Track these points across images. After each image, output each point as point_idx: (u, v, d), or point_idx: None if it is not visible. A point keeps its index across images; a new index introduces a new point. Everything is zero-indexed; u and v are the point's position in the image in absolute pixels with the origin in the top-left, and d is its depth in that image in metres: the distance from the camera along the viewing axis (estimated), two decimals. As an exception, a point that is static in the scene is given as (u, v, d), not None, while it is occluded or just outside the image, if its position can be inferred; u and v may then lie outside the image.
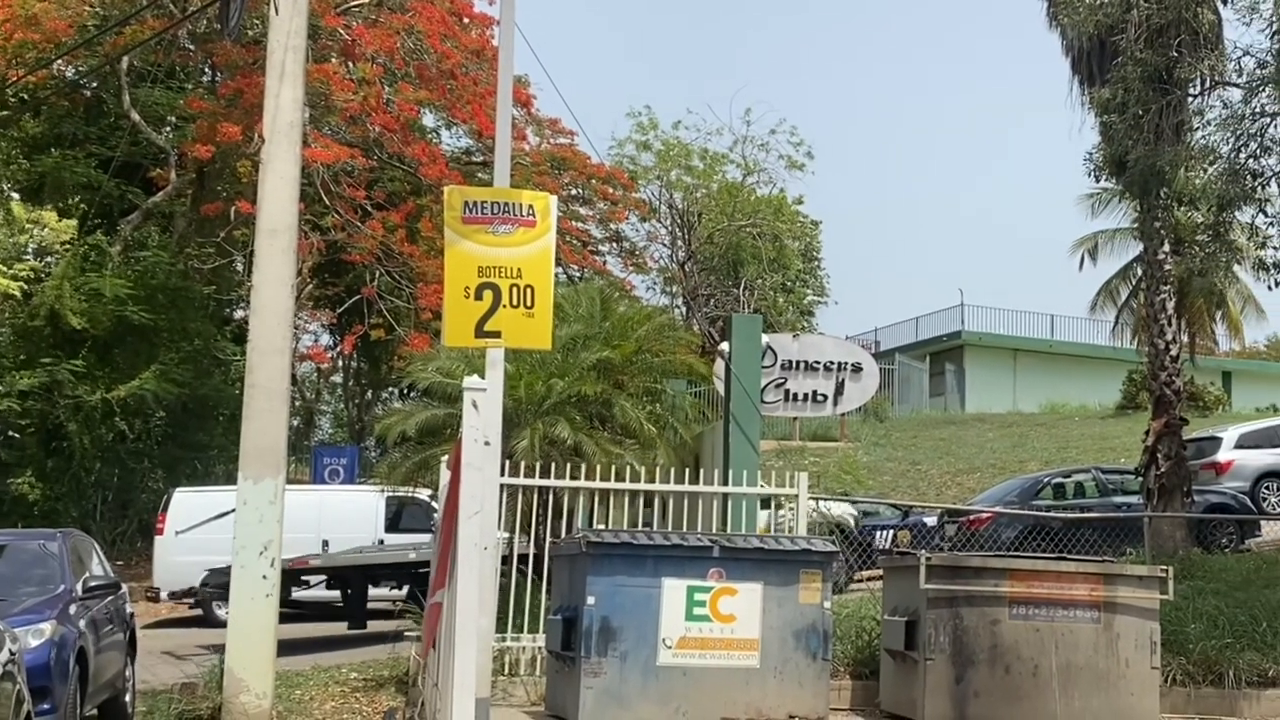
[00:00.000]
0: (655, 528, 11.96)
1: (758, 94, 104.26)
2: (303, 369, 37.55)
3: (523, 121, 28.42)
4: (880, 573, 11.86)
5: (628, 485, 11.57)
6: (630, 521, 11.70)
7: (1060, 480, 20.57)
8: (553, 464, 11.40)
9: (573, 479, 11.23)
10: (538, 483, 11.21)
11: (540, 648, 10.78)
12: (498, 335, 8.09)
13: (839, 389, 25.85)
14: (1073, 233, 52.32)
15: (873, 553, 16.28)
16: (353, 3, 26.32)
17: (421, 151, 26.35)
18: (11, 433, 25.14)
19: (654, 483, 11.74)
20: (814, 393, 25.55)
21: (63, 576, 10.45)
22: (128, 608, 12.33)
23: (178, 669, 14.00)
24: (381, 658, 13.36)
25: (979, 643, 9.80)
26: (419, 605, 11.83)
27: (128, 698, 11.57)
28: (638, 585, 9.46)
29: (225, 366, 29.00)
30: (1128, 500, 18.59)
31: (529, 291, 8.05)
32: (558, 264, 23.13)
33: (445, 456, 10.36)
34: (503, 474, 10.02)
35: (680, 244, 37.24)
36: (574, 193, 31.19)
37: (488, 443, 6.86)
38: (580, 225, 31.68)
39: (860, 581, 15.42)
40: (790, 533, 11.26)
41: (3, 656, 7.20)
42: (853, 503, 19.32)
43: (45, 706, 8.72)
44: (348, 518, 20.56)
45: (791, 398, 25.03)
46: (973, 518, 18.25)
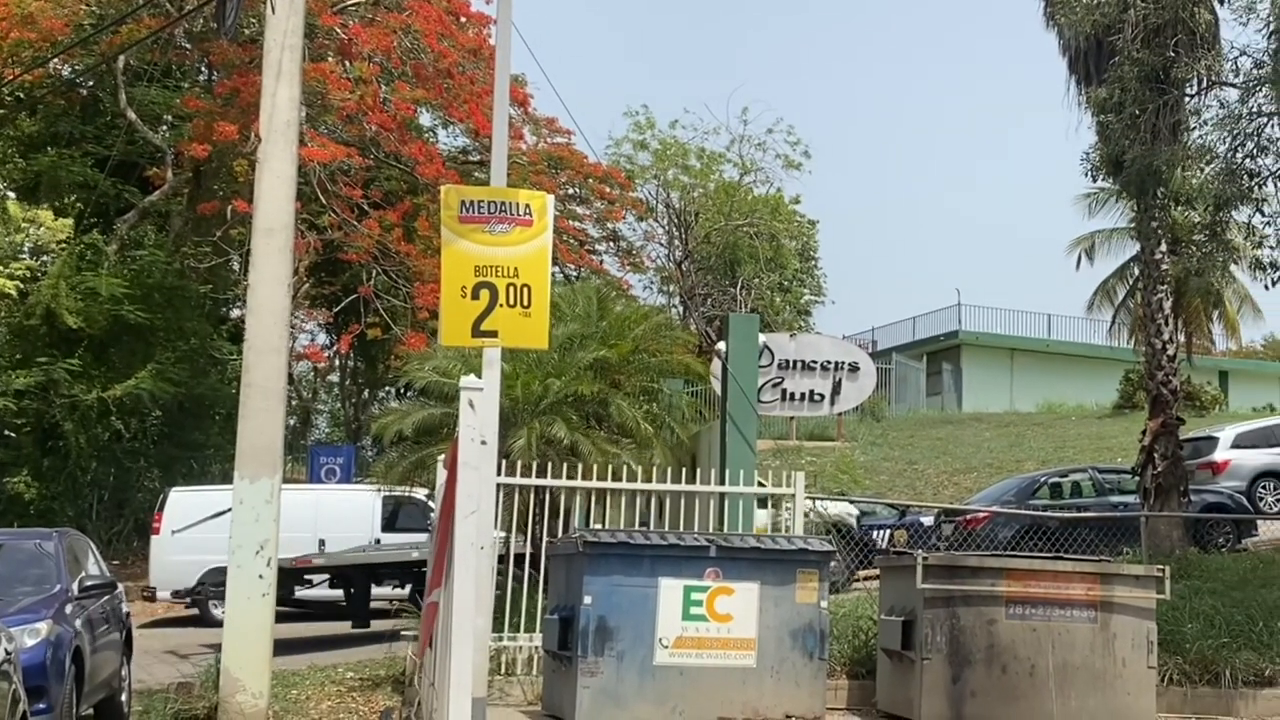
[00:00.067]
0: (652, 527, 11.96)
1: (757, 94, 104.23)
2: (299, 368, 37.55)
3: (520, 121, 28.41)
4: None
5: (624, 485, 11.57)
6: (627, 521, 11.70)
7: (1057, 480, 20.59)
8: (549, 463, 11.40)
9: (569, 479, 11.23)
10: (534, 482, 11.20)
11: (537, 647, 10.78)
12: (494, 335, 8.08)
13: (836, 388, 25.77)
14: (1070, 232, 52.30)
15: (874, 552, 16.29)
16: (349, 2, 26.32)
17: (418, 151, 26.34)
18: (7, 432, 25.12)
19: (651, 482, 11.74)
20: (811, 392, 25.47)
21: (59, 576, 10.44)
22: (124, 607, 12.33)
23: (174, 668, 13.99)
24: (378, 657, 13.35)
25: (976, 642, 9.80)
26: (419, 605, 11.82)
27: (124, 697, 11.56)
28: (634, 585, 9.46)
29: (221, 365, 28.98)
30: (1124, 500, 18.60)
31: (526, 291, 8.04)
32: (554, 263, 23.16)
33: (442, 456, 10.35)
34: (499, 473, 10.02)
35: (677, 243, 37.23)
36: (571, 192, 31.18)
37: (484, 442, 6.85)
38: (577, 224, 31.67)
39: (861, 581, 15.42)
40: (788, 532, 11.25)
41: (-2, 656, 7.20)
42: (852, 502, 19.33)
43: (41, 706, 8.71)
44: (344, 517, 20.54)
45: (788, 397, 24.95)
46: (969, 517, 18.26)
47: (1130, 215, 23.01)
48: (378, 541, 20.15)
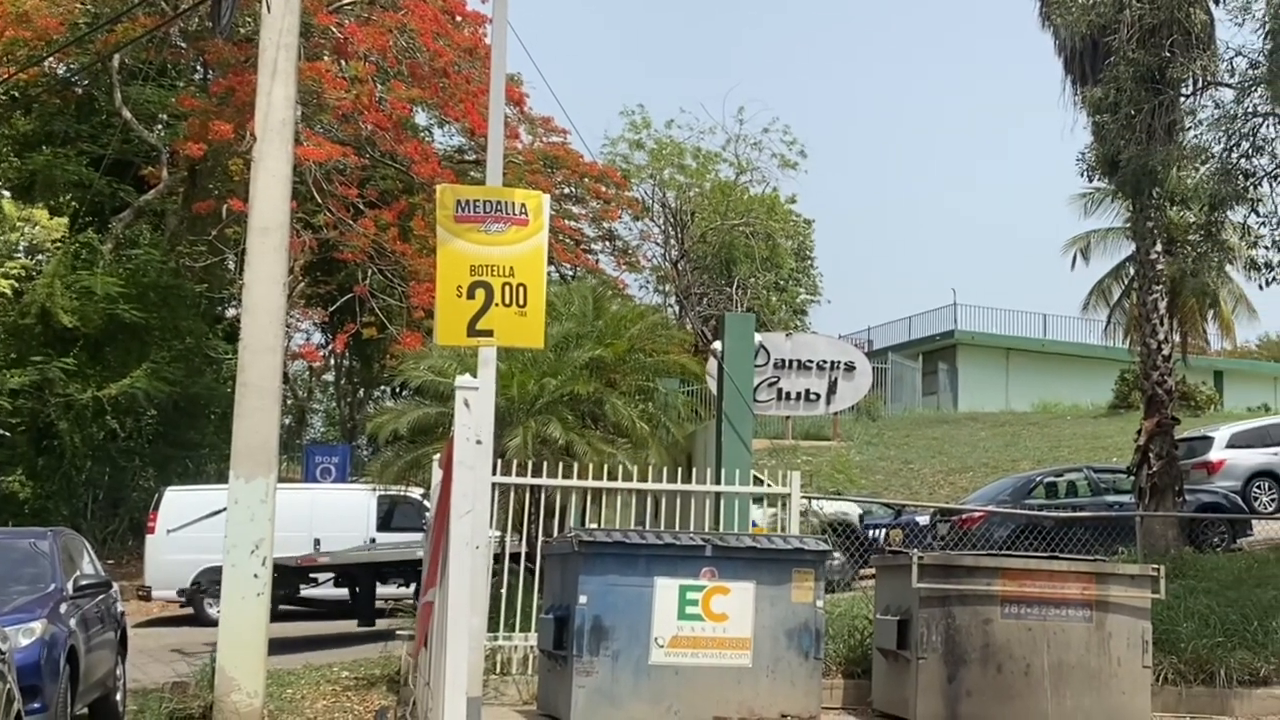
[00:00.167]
0: (648, 527, 11.95)
1: (753, 93, 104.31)
2: (294, 367, 37.51)
3: (515, 120, 28.40)
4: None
5: (620, 484, 11.57)
6: (623, 521, 11.70)
7: (1052, 479, 20.60)
8: (544, 463, 11.39)
9: (565, 478, 11.23)
10: (530, 481, 11.19)
11: (532, 647, 10.77)
12: (490, 334, 8.06)
13: (832, 388, 25.79)
14: (1065, 232, 52.37)
15: (874, 551, 16.30)
16: (345, 1, 26.30)
17: (414, 150, 26.32)
18: (2, 431, 25.07)
19: (646, 482, 11.73)
20: (807, 391, 25.48)
21: (53, 575, 10.43)
22: (119, 606, 12.32)
23: (169, 667, 13.97)
24: (373, 656, 13.35)
25: (971, 642, 9.80)
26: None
27: (119, 696, 11.56)
28: (630, 584, 9.45)
29: (217, 365, 28.95)
30: (1120, 499, 18.62)
31: (521, 290, 8.02)
32: (550, 262, 23.16)
33: (437, 455, 10.35)
34: (495, 472, 10.00)
35: (673, 243, 37.25)
36: (567, 191, 31.18)
37: (480, 441, 6.85)
38: (573, 224, 31.66)
39: (864, 579, 15.41)
40: (791, 530, 11.25)
41: (-7, 655, 7.19)
42: (855, 502, 19.35)
43: (36, 705, 8.71)
44: (339, 516, 20.52)
45: (784, 396, 24.95)
46: (965, 517, 18.27)
47: (1126, 215, 23.07)
48: (373, 541, 20.14)
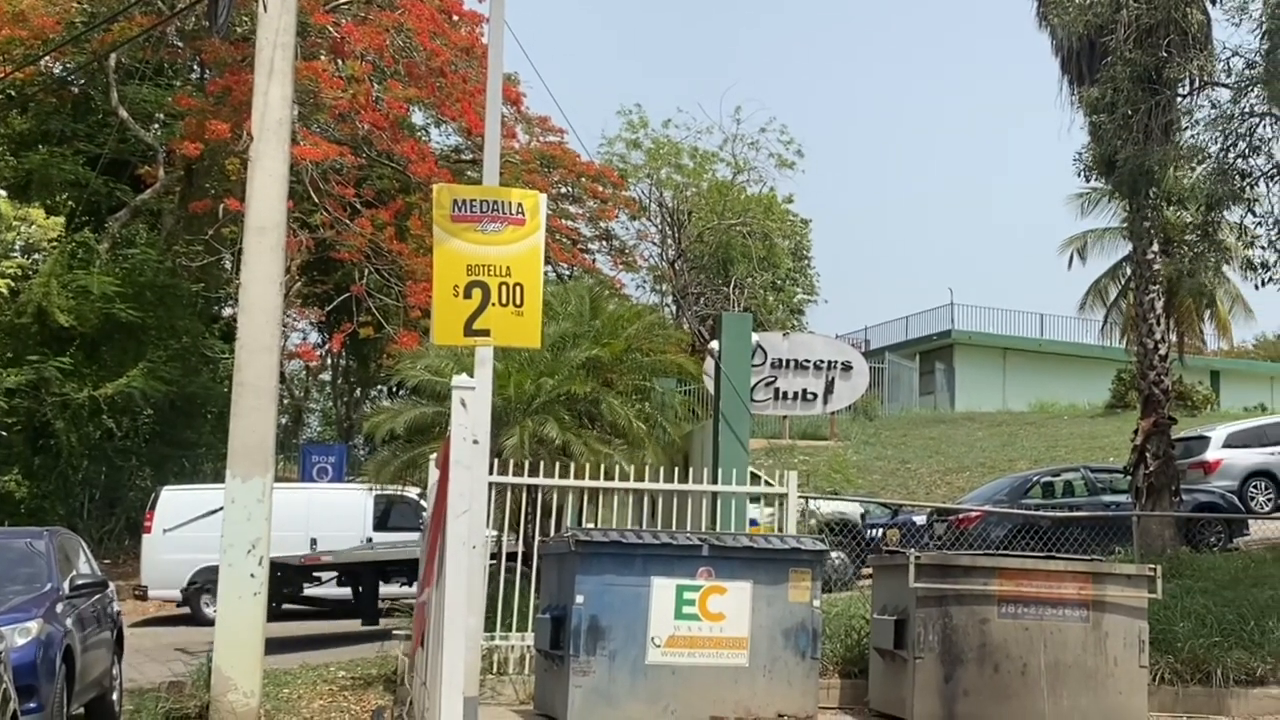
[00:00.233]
0: (644, 527, 11.94)
1: (752, 92, 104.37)
2: (291, 367, 37.46)
3: (512, 119, 28.39)
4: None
5: (617, 484, 11.55)
6: (619, 521, 11.69)
7: (1049, 479, 20.61)
8: (541, 463, 11.38)
9: (562, 477, 11.22)
10: (526, 481, 11.17)
11: (529, 646, 10.76)
12: (486, 334, 8.05)
13: (829, 387, 25.93)
14: (1062, 232, 52.38)
15: (876, 551, 16.31)
16: (341, 0, 26.27)
17: (410, 149, 26.32)
18: (-2, 430, 25.08)
19: (643, 481, 11.72)
20: (804, 391, 25.62)
21: (50, 575, 10.43)
22: (115, 606, 12.31)
23: (165, 667, 13.97)
24: (370, 656, 13.35)
25: (968, 641, 9.80)
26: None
27: (115, 696, 11.55)
28: (627, 584, 9.44)
29: (213, 364, 28.94)
30: (1116, 499, 18.63)
31: (518, 290, 8.01)
32: (547, 262, 23.08)
33: (434, 455, 10.32)
34: (491, 472, 10.00)
35: (670, 242, 37.28)
36: (564, 191, 31.18)
37: (476, 441, 6.84)
38: (570, 223, 31.66)
39: (866, 578, 15.42)
40: (788, 529, 11.24)
41: (-12, 655, 7.18)
42: (856, 502, 19.37)
43: (32, 705, 8.70)
44: (336, 516, 20.53)
45: (781, 396, 25.08)
46: (962, 516, 18.27)
47: (1122, 215, 23.04)
48: (369, 540, 20.14)
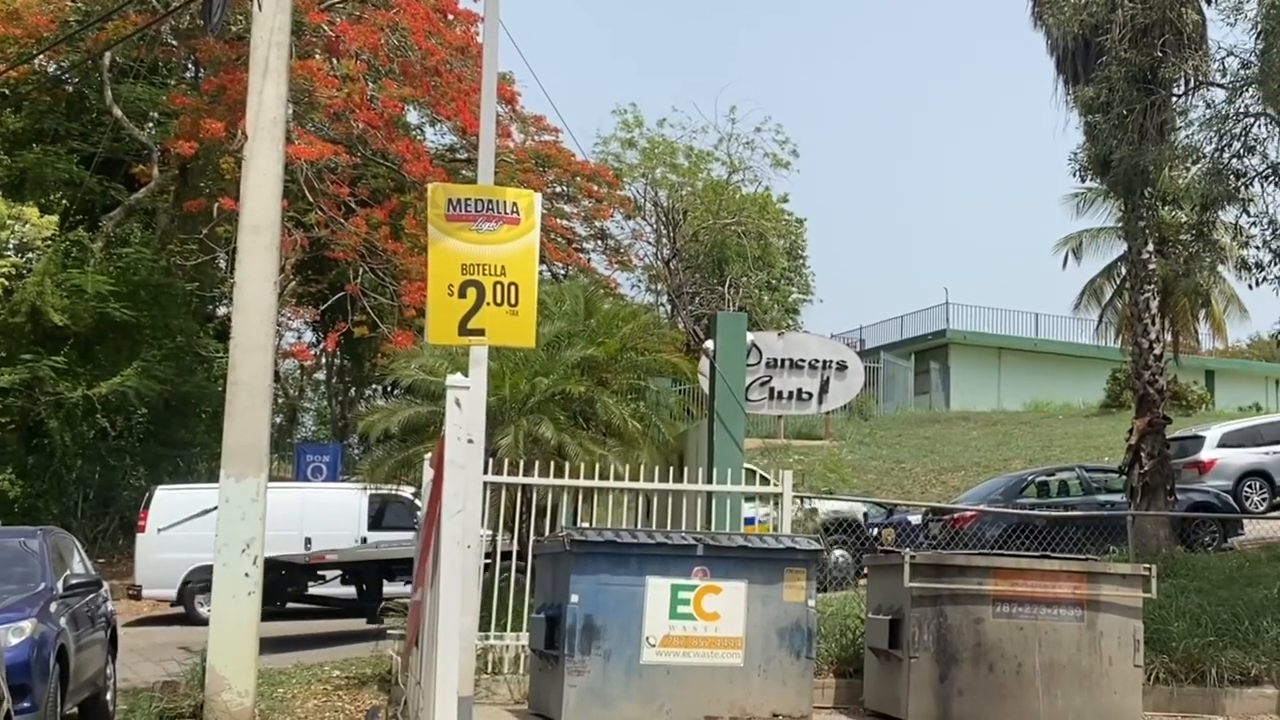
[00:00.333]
0: (639, 526, 11.93)
1: (748, 91, 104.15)
2: (286, 366, 37.41)
3: (507, 118, 28.40)
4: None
5: (612, 483, 11.54)
6: (614, 520, 11.68)
7: (1044, 479, 20.63)
8: (536, 462, 11.37)
9: (556, 477, 11.21)
10: (521, 480, 11.17)
11: (524, 646, 10.75)
12: (481, 333, 8.05)
13: (824, 387, 25.92)
14: (1058, 232, 52.43)
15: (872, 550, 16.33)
16: (337, -1, 26.28)
17: (405, 148, 26.30)
18: (-8, 429, 25.03)
19: (638, 481, 11.71)
20: (799, 391, 25.61)
21: (43, 574, 10.40)
22: (109, 605, 12.28)
23: (159, 666, 13.95)
24: (364, 656, 13.33)
25: (963, 641, 9.80)
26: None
27: (109, 696, 11.53)
28: (622, 584, 9.43)
29: (208, 363, 28.90)
30: (1111, 499, 18.65)
31: (513, 289, 8.02)
32: (542, 261, 23.11)
33: (428, 454, 10.32)
34: (486, 472, 9.99)
35: (665, 242, 37.27)
36: (558, 190, 31.18)
37: (471, 440, 6.83)
38: (565, 223, 31.67)
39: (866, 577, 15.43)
40: (784, 528, 11.24)
41: (-19, 655, 7.16)
42: (857, 501, 19.38)
43: (25, 705, 8.68)
44: (331, 515, 20.49)
45: (776, 395, 25.07)
46: (957, 516, 18.27)
47: (1118, 215, 23.08)
48: (364, 540, 20.11)
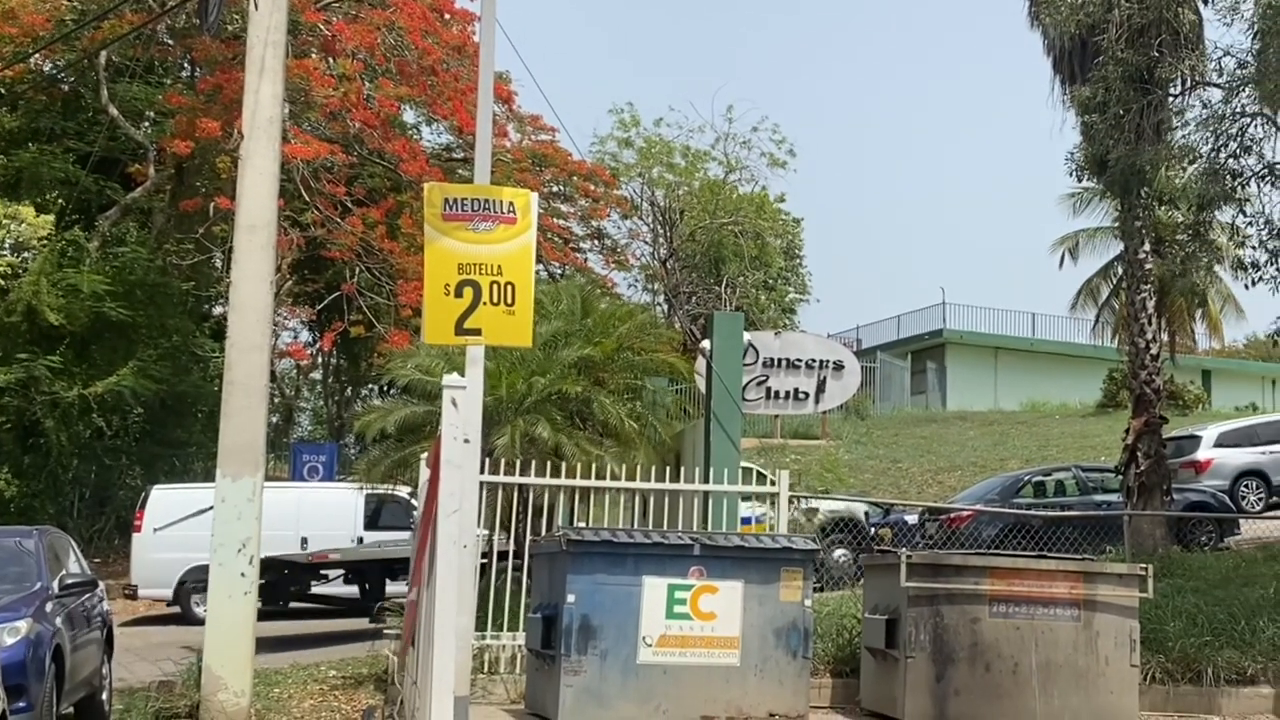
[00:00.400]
0: (636, 526, 11.93)
1: (745, 91, 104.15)
2: (282, 366, 37.43)
3: (504, 118, 28.39)
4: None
5: (608, 483, 11.53)
6: (611, 520, 11.68)
7: (1041, 478, 20.62)
8: (533, 462, 11.36)
9: (553, 476, 11.20)
10: (518, 480, 11.15)
11: (520, 646, 10.75)
12: (478, 333, 8.05)
13: (820, 387, 25.80)
14: (1054, 231, 52.47)
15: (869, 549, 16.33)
16: (333, -2, 26.27)
17: (402, 148, 26.29)
18: (-12, 429, 25.00)
19: (635, 480, 11.70)
20: (795, 390, 25.48)
21: (39, 574, 10.39)
22: (105, 605, 12.27)
23: (155, 666, 13.93)
24: (361, 655, 13.31)
25: (959, 641, 9.80)
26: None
27: (105, 695, 11.52)
28: (618, 583, 9.42)
29: (204, 363, 28.89)
30: (1108, 498, 18.65)
31: (509, 289, 8.01)
32: (538, 261, 23.13)
33: (425, 454, 10.32)
34: (482, 471, 9.98)
35: (662, 241, 37.26)
36: (555, 190, 31.17)
37: (467, 440, 6.82)
38: (561, 222, 31.66)
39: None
40: (780, 528, 11.23)
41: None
42: (858, 501, 19.38)
43: (21, 705, 8.67)
44: (327, 515, 20.49)
45: (773, 395, 24.95)
46: (953, 516, 18.28)
47: (1114, 215, 23.08)
48: (360, 540, 20.10)
